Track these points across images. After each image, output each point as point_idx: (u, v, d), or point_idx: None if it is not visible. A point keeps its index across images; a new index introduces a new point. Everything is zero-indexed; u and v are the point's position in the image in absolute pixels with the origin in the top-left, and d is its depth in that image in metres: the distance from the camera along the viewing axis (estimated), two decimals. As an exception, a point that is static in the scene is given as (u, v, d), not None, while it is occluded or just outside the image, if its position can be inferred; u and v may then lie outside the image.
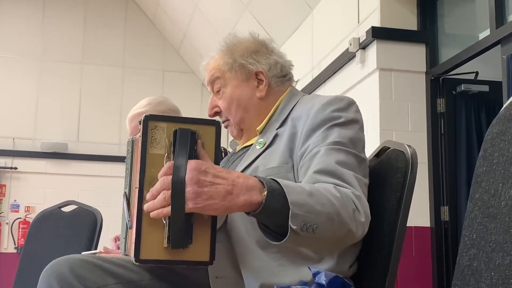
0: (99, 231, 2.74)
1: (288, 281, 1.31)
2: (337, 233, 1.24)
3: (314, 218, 1.18)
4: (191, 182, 1.14)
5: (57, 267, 1.34)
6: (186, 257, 1.19)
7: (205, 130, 1.24)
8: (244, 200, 1.16)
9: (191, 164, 1.16)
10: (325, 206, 1.21)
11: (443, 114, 4.01)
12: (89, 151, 7.77)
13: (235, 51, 1.62)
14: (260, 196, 1.17)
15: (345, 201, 1.25)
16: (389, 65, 3.99)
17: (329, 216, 1.21)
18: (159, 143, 1.22)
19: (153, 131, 1.22)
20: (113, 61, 8.12)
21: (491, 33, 3.46)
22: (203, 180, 1.14)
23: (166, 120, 1.23)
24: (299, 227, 1.16)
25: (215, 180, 1.15)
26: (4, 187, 7.56)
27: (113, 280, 1.37)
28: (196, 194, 1.13)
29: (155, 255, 1.18)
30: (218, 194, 1.14)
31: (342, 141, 1.38)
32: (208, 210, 1.16)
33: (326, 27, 4.89)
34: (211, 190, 1.14)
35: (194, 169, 1.15)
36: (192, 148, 1.19)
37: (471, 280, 0.82)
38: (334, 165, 1.32)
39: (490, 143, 0.86)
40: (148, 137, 1.21)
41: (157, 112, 2.30)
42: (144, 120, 1.22)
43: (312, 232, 1.18)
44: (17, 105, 7.72)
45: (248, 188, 1.17)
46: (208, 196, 1.14)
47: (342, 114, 1.42)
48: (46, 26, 8.01)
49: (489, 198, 0.83)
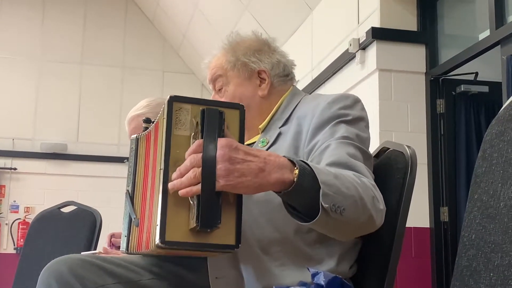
0: (98, 231, 2.74)
1: (288, 282, 1.31)
2: (360, 217, 1.23)
3: (341, 200, 1.18)
4: (223, 159, 1.11)
5: (56, 266, 1.34)
6: (212, 240, 1.15)
7: (230, 113, 1.22)
8: (276, 178, 1.14)
9: (222, 141, 1.13)
10: (350, 189, 1.20)
11: (442, 115, 4.01)
12: (89, 152, 7.76)
13: (238, 49, 1.62)
14: (292, 175, 1.16)
15: (366, 188, 1.25)
16: (389, 65, 3.99)
17: (354, 199, 1.20)
18: (183, 125, 1.19)
19: (178, 112, 1.20)
20: (112, 61, 8.11)
21: (491, 34, 3.46)
22: (235, 157, 1.12)
23: (191, 102, 1.20)
24: (330, 207, 1.15)
25: (247, 157, 1.13)
26: (4, 188, 7.56)
27: (112, 280, 1.37)
28: (228, 171, 1.11)
29: (180, 237, 1.14)
30: (250, 171, 1.12)
31: (350, 136, 1.38)
32: (240, 188, 1.14)
33: (326, 28, 4.89)
34: (243, 167, 1.12)
35: (225, 145, 1.13)
36: (221, 127, 1.17)
37: (470, 281, 0.82)
38: (346, 157, 1.32)
39: (489, 143, 0.86)
40: (172, 119, 1.19)
41: (156, 113, 2.29)
42: (169, 101, 1.20)
43: (340, 214, 1.17)
44: (16, 105, 7.71)
45: (280, 166, 1.15)
46: (241, 173, 1.12)
47: (349, 112, 1.43)
48: (45, 26, 8.01)
49: (488, 199, 0.83)
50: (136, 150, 1.41)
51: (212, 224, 1.12)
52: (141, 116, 2.23)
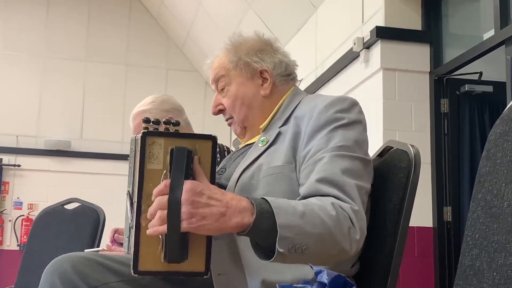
0: (101, 228, 2.74)
1: (290, 279, 1.32)
2: (328, 251, 1.25)
3: (304, 239, 1.21)
4: (187, 203, 1.17)
5: (60, 264, 1.35)
6: (182, 269, 1.23)
7: (202, 145, 1.27)
8: (236, 222, 1.19)
9: (187, 185, 1.19)
10: (317, 226, 1.22)
11: (446, 114, 4.00)
12: (92, 149, 7.78)
13: (240, 49, 1.63)
14: (252, 218, 1.19)
15: (341, 220, 1.25)
16: (393, 65, 3.98)
17: (321, 236, 1.23)
18: (156, 158, 1.24)
19: (151, 146, 1.24)
20: (116, 59, 8.12)
21: (496, 34, 3.45)
22: (198, 201, 1.17)
23: (164, 136, 1.25)
24: (287, 249, 1.19)
25: (210, 201, 1.18)
26: (7, 185, 7.58)
27: (115, 278, 1.37)
28: (191, 214, 1.16)
29: (152, 267, 1.22)
30: (212, 216, 1.17)
31: (346, 145, 1.37)
32: (201, 230, 1.19)
33: (330, 27, 4.88)
34: (205, 211, 1.17)
35: (190, 190, 1.18)
36: (188, 166, 1.22)
37: (473, 280, 0.82)
38: (337, 175, 1.32)
39: (493, 143, 0.86)
40: (146, 153, 1.24)
41: (160, 110, 2.30)
42: (142, 136, 1.25)
43: (301, 252, 1.21)
44: (20, 102, 7.73)
45: (240, 210, 1.19)
46: (202, 217, 1.17)
47: (345, 115, 1.42)
48: (49, 23, 8.02)
49: (492, 198, 0.83)
50: (135, 151, 1.41)
51: (178, 260, 1.21)
52: (146, 113, 2.24)
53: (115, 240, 2.63)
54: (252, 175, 1.44)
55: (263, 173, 1.42)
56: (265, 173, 1.42)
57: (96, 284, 1.34)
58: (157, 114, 2.21)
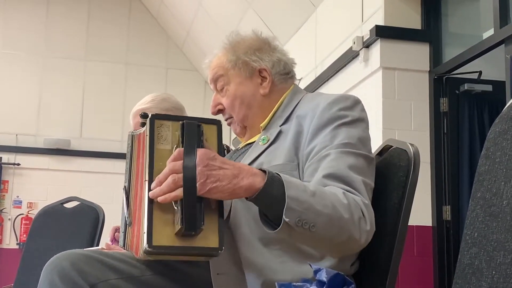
0: (101, 227, 2.74)
1: (290, 278, 1.31)
2: (337, 237, 1.25)
3: (312, 216, 1.21)
4: (202, 164, 1.18)
5: (59, 262, 1.35)
6: (196, 244, 1.21)
7: (208, 129, 1.29)
8: (249, 184, 1.20)
9: (201, 150, 1.21)
10: (327, 207, 1.23)
11: (446, 113, 4.00)
12: (92, 148, 7.78)
13: (238, 48, 1.62)
14: (263, 182, 1.21)
15: (352, 208, 1.26)
16: (392, 64, 3.98)
17: (330, 218, 1.23)
18: (165, 140, 1.27)
19: (159, 128, 1.27)
20: (116, 58, 8.12)
21: (495, 33, 3.45)
22: (212, 164, 1.19)
23: (171, 119, 1.28)
24: (294, 222, 1.19)
25: (223, 165, 1.20)
26: (7, 183, 7.58)
27: (115, 275, 1.37)
28: (205, 176, 1.18)
29: (167, 241, 1.20)
30: (225, 177, 1.19)
31: (351, 142, 1.37)
32: (216, 193, 1.19)
33: (329, 26, 4.89)
34: (220, 173, 1.19)
35: (204, 154, 1.20)
36: (199, 139, 1.24)
37: (472, 279, 0.82)
38: (345, 170, 1.32)
39: (492, 142, 0.86)
40: (155, 134, 1.27)
41: (160, 109, 2.30)
42: (151, 119, 1.28)
43: (309, 229, 1.21)
44: (20, 101, 7.73)
45: (252, 174, 1.21)
46: (216, 179, 1.18)
47: (349, 113, 1.42)
48: (49, 22, 8.02)
49: (491, 197, 0.83)
50: (131, 147, 1.42)
51: (196, 226, 1.18)
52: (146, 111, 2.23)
53: (115, 238, 2.63)
54: (253, 174, 1.44)
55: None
56: (266, 171, 1.42)
57: (96, 281, 1.34)
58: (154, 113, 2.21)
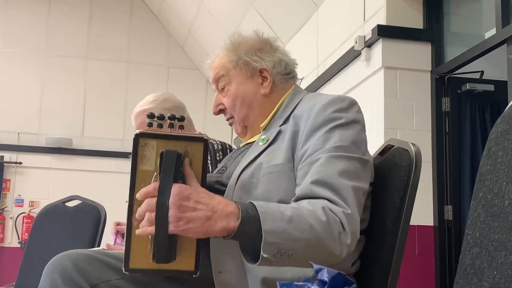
0: (102, 226, 2.74)
1: (291, 277, 1.31)
2: (317, 256, 1.25)
3: (290, 244, 1.22)
4: (174, 206, 1.18)
5: (60, 261, 1.35)
6: (171, 267, 1.25)
7: (194, 147, 1.28)
8: (222, 227, 1.21)
9: (175, 188, 1.20)
10: (305, 231, 1.23)
11: (448, 113, 4.00)
12: (94, 147, 7.78)
13: (240, 48, 1.63)
14: (237, 223, 1.21)
15: (331, 224, 1.26)
16: (394, 63, 3.98)
17: (308, 241, 1.24)
18: (149, 160, 1.26)
19: (143, 148, 1.26)
20: (118, 56, 8.12)
21: (497, 32, 3.45)
22: (185, 205, 1.19)
23: (156, 137, 1.26)
24: (272, 255, 1.21)
25: (197, 205, 1.20)
26: (9, 182, 7.58)
27: (116, 276, 1.37)
28: (178, 218, 1.18)
29: (143, 265, 1.24)
30: (198, 220, 1.19)
31: (344, 145, 1.37)
32: (188, 233, 1.21)
33: (331, 25, 4.88)
34: (192, 215, 1.19)
35: (177, 194, 1.20)
36: (178, 170, 1.23)
37: (473, 279, 0.82)
38: (333, 177, 1.32)
39: (494, 141, 0.86)
40: (138, 154, 1.26)
41: (163, 109, 2.30)
42: (135, 138, 1.26)
43: (288, 257, 1.23)
44: (22, 100, 7.73)
45: (226, 215, 1.21)
46: (188, 221, 1.19)
47: (343, 115, 1.42)
48: (51, 20, 8.02)
49: (492, 197, 0.83)
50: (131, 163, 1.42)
51: (165, 261, 1.23)
52: (147, 111, 2.23)
53: (118, 231, 2.63)
54: (252, 173, 1.44)
55: (263, 172, 1.42)
56: (265, 171, 1.42)
57: (97, 281, 1.34)
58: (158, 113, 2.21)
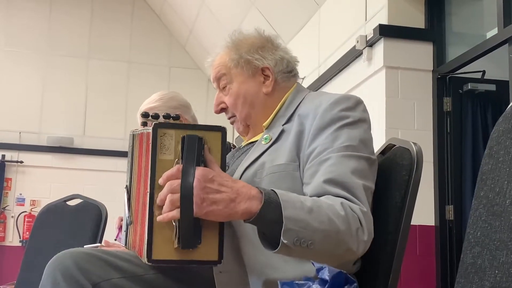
0: (103, 225, 2.74)
1: (292, 276, 1.31)
2: (335, 250, 1.26)
3: (310, 234, 1.22)
4: (198, 188, 1.19)
5: (62, 260, 1.34)
6: (195, 257, 1.24)
7: (212, 136, 1.29)
8: (245, 208, 1.21)
9: (199, 171, 1.21)
10: (324, 223, 1.23)
11: (449, 113, 3.99)
12: (95, 146, 7.79)
13: (241, 47, 1.62)
14: (259, 206, 1.21)
15: (350, 220, 1.26)
16: (396, 63, 3.98)
17: (327, 233, 1.24)
18: (168, 149, 1.27)
19: (162, 138, 1.27)
20: (119, 56, 8.12)
21: (499, 32, 3.45)
22: (209, 187, 1.20)
23: (175, 128, 1.28)
24: (292, 242, 1.20)
25: (221, 188, 1.21)
26: (10, 181, 7.59)
27: (118, 274, 1.37)
28: (202, 199, 1.19)
29: (166, 255, 1.24)
30: (222, 201, 1.20)
31: (352, 144, 1.37)
32: (211, 216, 1.22)
33: (333, 25, 4.88)
34: (216, 197, 1.20)
35: (202, 176, 1.20)
36: (200, 154, 1.25)
37: (475, 278, 0.82)
38: (346, 175, 1.32)
39: (496, 141, 0.86)
40: (157, 144, 1.26)
41: (168, 107, 2.31)
42: (154, 128, 1.27)
43: (307, 247, 1.22)
44: (23, 99, 7.74)
45: (249, 197, 1.22)
46: (212, 202, 1.20)
47: (350, 114, 1.42)
48: (52, 20, 8.02)
49: (494, 196, 0.83)
50: (132, 147, 1.42)
51: (192, 245, 1.23)
52: (153, 110, 2.24)
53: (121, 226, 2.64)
54: (255, 172, 1.44)
55: (266, 171, 1.42)
56: (268, 171, 1.42)
57: (98, 280, 1.33)
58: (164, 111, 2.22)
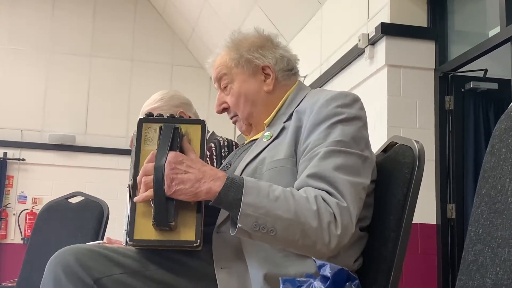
0: (105, 222, 2.74)
1: (293, 273, 1.32)
2: (301, 240, 1.27)
3: (271, 221, 1.26)
4: (168, 168, 1.29)
5: (63, 256, 1.35)
6: (173, 237, 1.33)
7: (192, 128, 1.40)
8: (208, 188, 1.28)
9: (170, 154, 1.31)
10: (289, 212, 1.26)
11: (451, 112, 3.99)
12: (97, 144, 7.80)
13: (241, 46, 1.63)
14: (220, 187, 1.28)
15: (321, 213, 1.27)
16: (398, 61, 3.97)
17: (291, 222, 1.26)
18: (151, 141, 1.38)
19: (147, 131, 1.39)
20: (122, 54, 8.13)
21: (501, 31, 3.44)
22: (178, 169, 1.29)
23: (159, 122, 1.39)
24: (250, 227, 1.26)
25: (189, 169, 1.30)
26: (12, 179, 7.60)
27: (119, 270, 1.37)
28: (171, 179, 1.29)
29: (146, 235, 1.33)
30: (188, 180, 1.29)
31: (343, 140, 1.37)
32: (180, 194, 1.29)
33: (335, 23, 4.88)
34: (184, 177, 1.29)
35: (172, 158, 1.30)
36: (174, 140, 1.35)
37: (476, 275, 0.82)
38: (329, 170, 1.33)
39: (498, 138, 0.86)
40: (142, 136, 1.39)
41: (171, 106, 2.32)
42: (139, 123, 1.39)
43: (268, 233, 1.26)
44: (25, 97, 7.75)
45: (214, 178, 1.30)
46: (180, 182, 1.29)
47: (345, 110, 1.42)
48: (55, 18, 8.03)
49: (496, 194, 0.83)
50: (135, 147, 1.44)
51: (165, 222, 1.31)
52: (156, 110, 2.25)
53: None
54: (255, 168, 1.45)
55: (266, 167, 1.43)
56: (268, 166, 1.43)
57: (100, 276, 1.34)
58: (167, 110, 2.23)
